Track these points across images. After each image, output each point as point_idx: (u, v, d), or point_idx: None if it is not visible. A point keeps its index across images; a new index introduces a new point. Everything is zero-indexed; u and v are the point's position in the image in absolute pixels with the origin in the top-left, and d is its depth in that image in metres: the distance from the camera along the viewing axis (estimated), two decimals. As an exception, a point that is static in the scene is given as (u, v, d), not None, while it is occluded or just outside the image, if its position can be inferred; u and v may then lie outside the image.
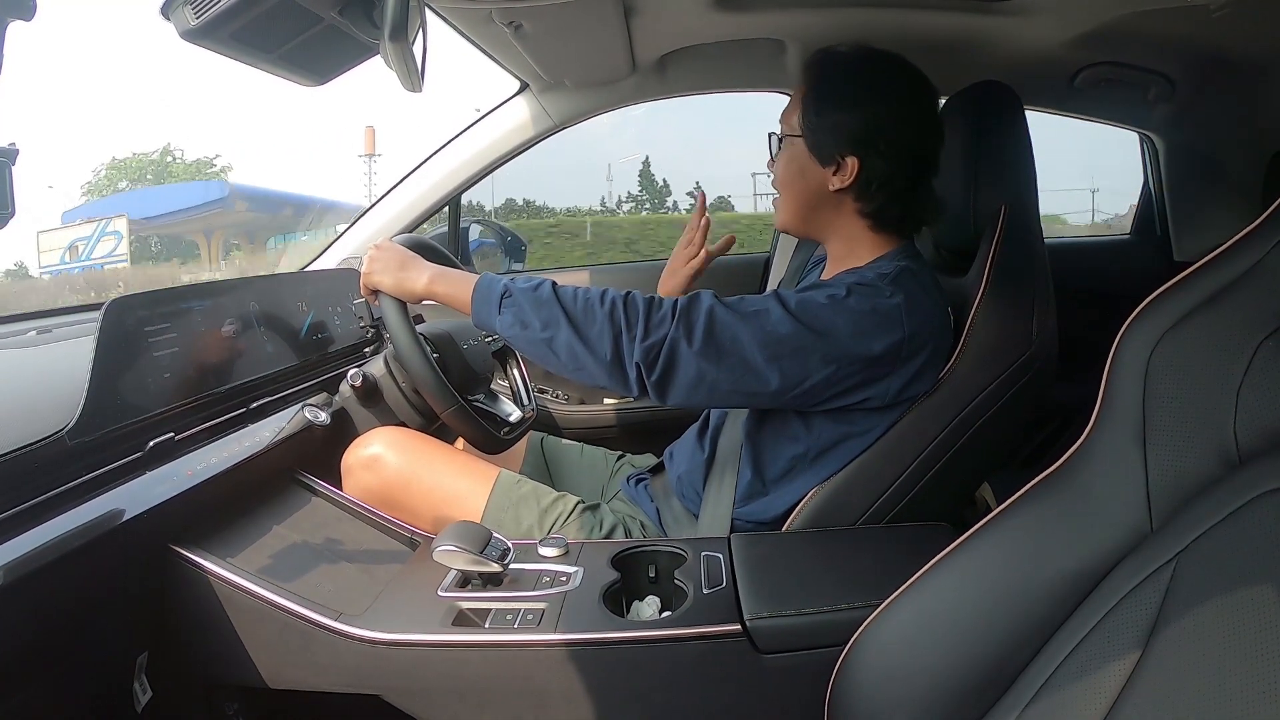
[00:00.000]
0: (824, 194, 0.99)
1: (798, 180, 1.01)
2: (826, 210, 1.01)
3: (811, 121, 0.98)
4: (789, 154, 1.01)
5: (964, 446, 0.96)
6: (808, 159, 0.99)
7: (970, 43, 1.32)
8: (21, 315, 1.22)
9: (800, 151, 0.99)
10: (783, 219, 1.05)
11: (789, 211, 1.04)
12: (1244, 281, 0.50)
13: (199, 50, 0.67)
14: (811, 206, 1.01)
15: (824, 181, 0.98)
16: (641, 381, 0.90)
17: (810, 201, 1.01)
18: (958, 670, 0.56)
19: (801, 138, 0.99)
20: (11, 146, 0.51)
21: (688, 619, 0.79)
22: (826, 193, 0.99)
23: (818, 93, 0.99)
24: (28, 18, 0.46)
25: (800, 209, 1.02)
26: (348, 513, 1.00)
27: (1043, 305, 0.98)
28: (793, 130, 1.00)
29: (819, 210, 1.01)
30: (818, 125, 0.98)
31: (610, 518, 1.07)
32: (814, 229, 1.04)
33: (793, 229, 1.07)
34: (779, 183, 1.04)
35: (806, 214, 1.02)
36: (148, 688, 0.80)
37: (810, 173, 0.99)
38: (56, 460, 0.74)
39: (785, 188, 1.03)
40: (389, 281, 1.01)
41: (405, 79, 0.69)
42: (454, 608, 0.82)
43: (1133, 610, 0.47)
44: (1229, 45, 1.33)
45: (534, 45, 1.29)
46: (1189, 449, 0.50)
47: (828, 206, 1.00)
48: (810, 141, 0.98)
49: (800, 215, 1.03)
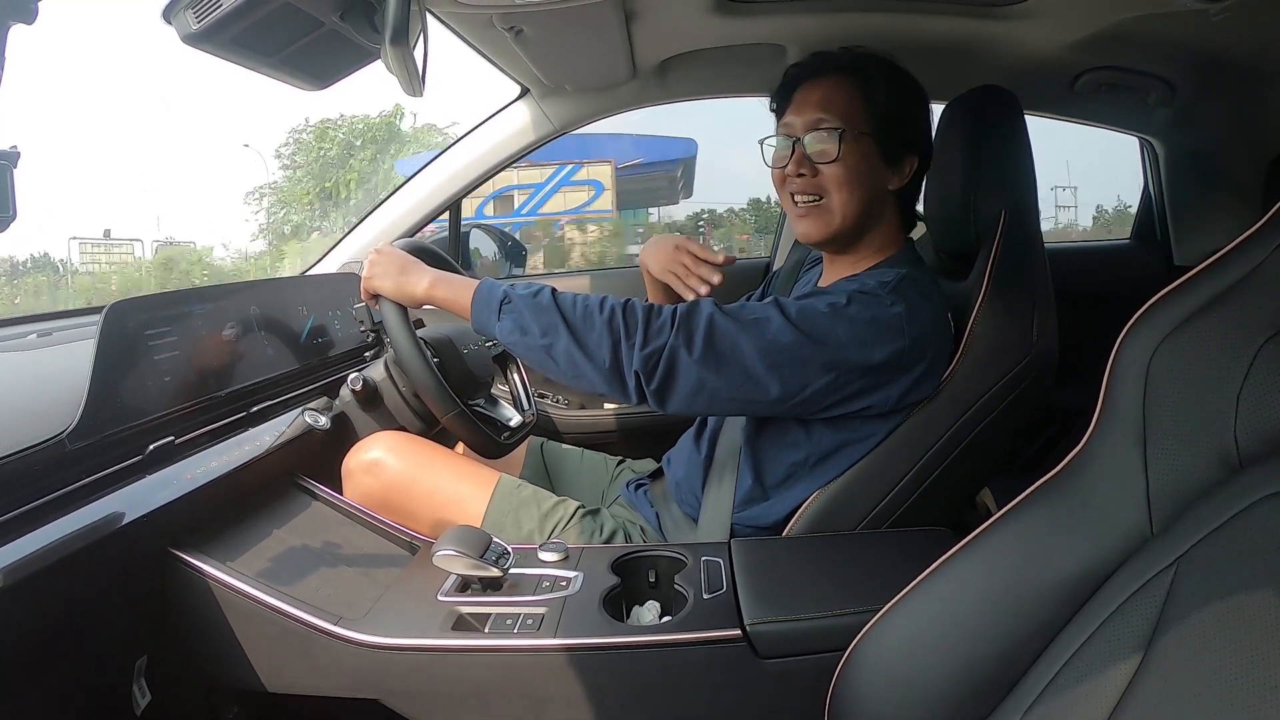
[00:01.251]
0: (883, 196, 0.98)
1: (865, 180, 0.96)
2: (876, 212, 0.99)
3: (888, 119, 0.96)
4: (859, 153, 0.95)
5: (964, 451, 0.96)
6: (877, 156, 0.96)
7: (970, 47, 1.33)
8: (21, 319, 1.22)
9: (870, 150, 0.96)
10: (838, 226, 0.97)
11: (852, 216, 0.97)
12: (1244, 285, 0.50)
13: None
14: (870, 209, 0.98)
15: (885, 182, 0.98)
16: (640, 389, 0.90)
17: (870, 204, 0.97)
18: (958, 675, 0.56)
19: (871, 136, 0.96)
20: (13, 149, 0.51)
21: (688, 624, 0.79)
22: (884, 193, 0.98)
23: (889, 89, 0.96)
24: (29, 21, 0.46)
25: (862, 211, 0.97)
26: (348, 517, 1.00)
27: (1043, 309, 0.98)
28: (861, 128, 0.95)
29: (873, 212, 0.98)
30: (894, 123, 0.96)
31: (610, 523, 1.07)
32: (859, 233, 0.99)
33: (845, 236, 0.99)
34: (839, 184, 0.95)
35: (865, 218, 0.98)
36: (147, 691, 0.80)
37: (879, 172, 0.97)
38: (56, 464, 0.74)
39: (850, 189, 0.96)
40: (389, 286, 1.01)
41: (406, 84, 0.69)
42: (454, 612, 0.82)
43: (1133, 614, 0.47)
44: (1229, 49, 1.33)
45: (534, 50, 1.29)
46: (1189, 453, 0.50)
47: (879, 207, 0.99)
48: (882, 140, 0.96)
49: (860, 219, 0.98)
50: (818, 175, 0.97)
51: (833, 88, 0.97)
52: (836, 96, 0.96)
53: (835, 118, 0.95)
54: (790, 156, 0.98)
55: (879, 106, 0.96)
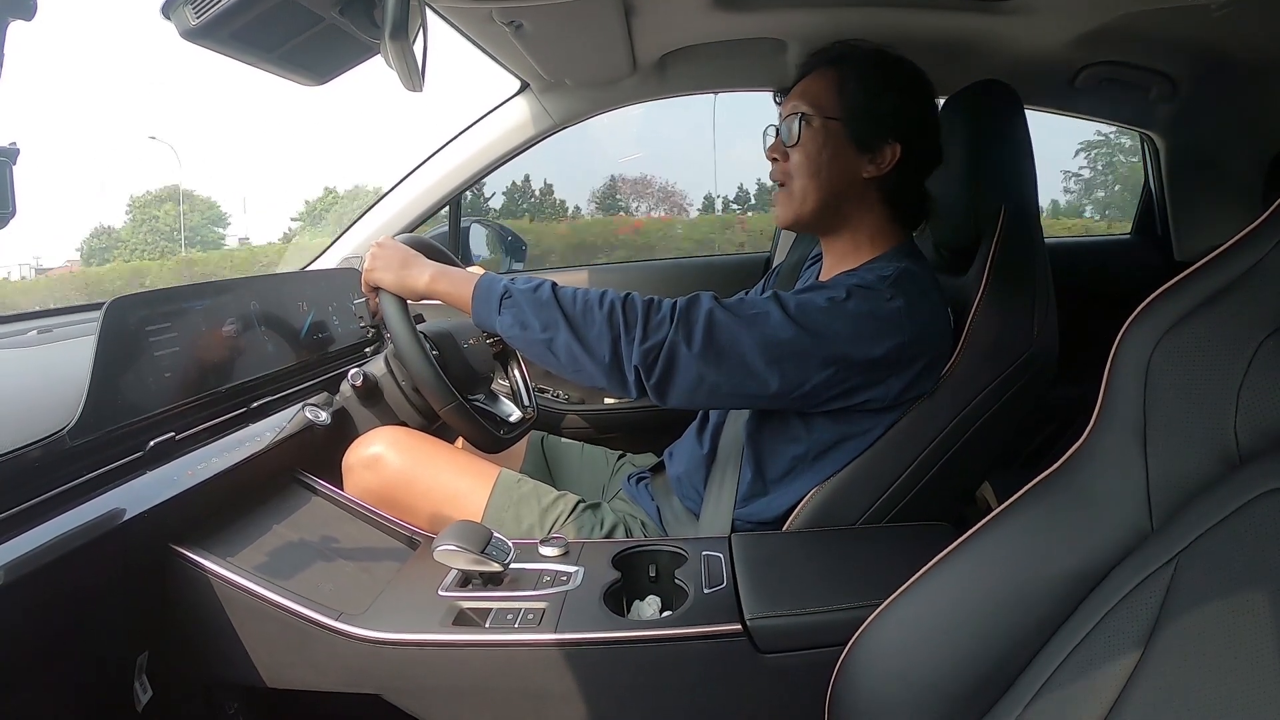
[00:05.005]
0: (854, 182, 0.98)
1: (829, 166, 0.97)
2: (851, 200, 0.99)
3: (859, 104, 0.96)
4: (821, 138, 0.97)
5: (964, 446, 0.96)
6: (844, 143, 0.97)
7: (971, 42, 1.32)
8: (22, 315, 1.22)
9: (836, 135, 0.96)
10: (798, 210, 0.99)
11: (813, 200, 0.98)
12: (1244, 281, 0.50)
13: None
14: (839, 195, 0.98)
15: (857, 169, 0.97)
16: (640, 383, 0.90)
17: (838, 190, 0.98)
18: (958, 670, 0.56)
19: (840, 121, 0.96)
20: (12, 146, 0.51)
21: (688, 618, 0.79)
22: (857, 181, 0.98)
23: (865, 76, 0.97)
24: (28, 17, 0.46)
25: (827, 198, 0.98)
26: (348, 512, 1.00)
27: (1043, 305, 0.98)
28: (828, 113, 0.97)
29: (844, 200, 0.99)
30: (866, 109, 0.96)
31: (611, 517, 1.07)
32: (832, 221, 1.01)
33: (809, 221, 1.01)
34: (801, 169, 0.98)
35: (832, 204, 0.98)
36: (148, 687, 0.80)
37: (845, 159, 0.97)
38: (57, 460, 0.74)
39: (811, 175, 0.97)
40: (390, 279, 1.01)
41: (405, 79, 0.69)
42: (454, 607, 0.82)
43: (1133, 610, 0.47)
44: (1230, 45, 1.33)
45: (534, 45, 1.29)
46: (1189, 448, 0.50)
47: (853, 196, 0.99)
48: (852, 126, 0.96)
49: (825, 205, 0.98)
50: (788, 159, 1.00)
51: (814, 79, 1.00)
52: (814, 86, 0.99)
53: (806, 105, 0.98)
54: (770, 144, 1.03)
55: (850, 93, 0.97)
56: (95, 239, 21.92)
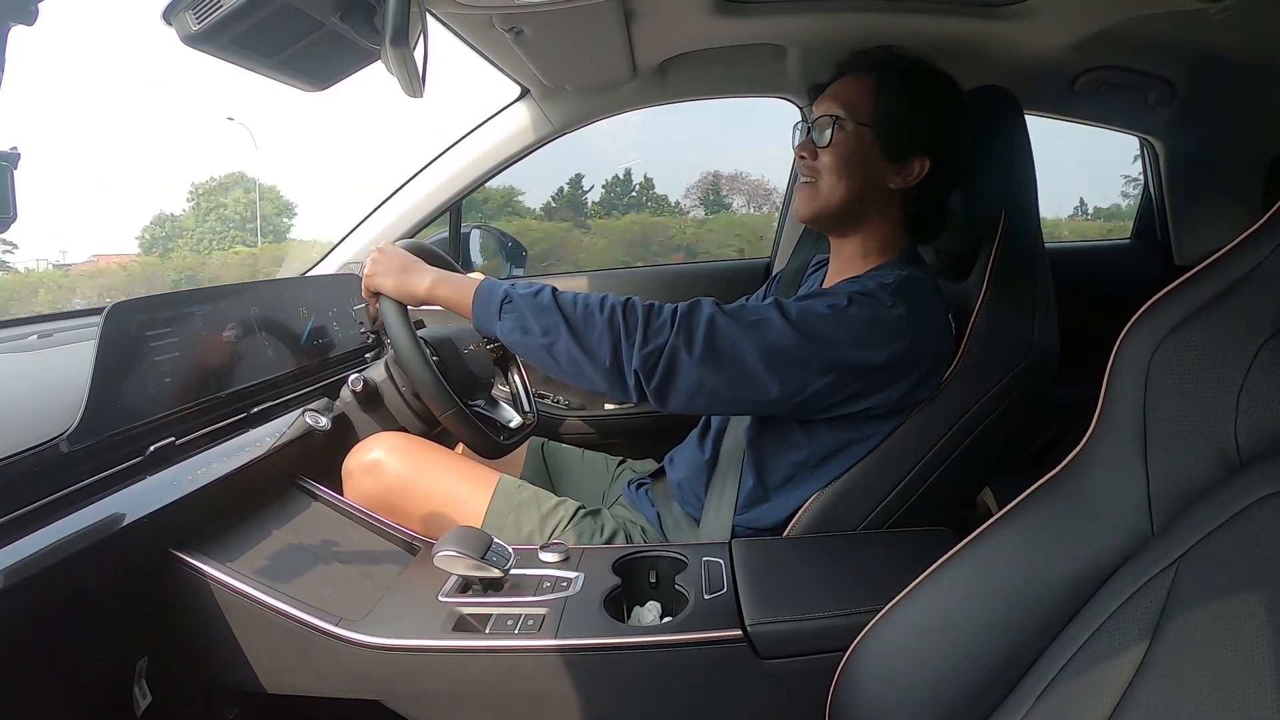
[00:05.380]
0: (879, 191, 0.98)
1: (857, 169, 0.98)
2: (873, 207, 0.99)
3: (894, 114, 0.96)
4: (853, 141, 0.98)
5: (965, 451, 0.96)
6: (875, 152, 0.97)
7: (970, 47, 1.32)
8: (22, 319, 1.22)
9: (868, 141, 0.97)
10: (820, 209, 1.00)
11: (837, 202, 0.99)
12: (1244, 285, 0.50)
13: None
14: (862, 202, 0.99)
15: (884, 178, 0.98)
16: (640, 388, 0.90)
17: (862, 194, 0.98)
18: (959, 675, 0.56)
19: (872, 129, 0.97)
20: (13, 150, 0.51)
21: (689, 624, 0.79)
22: (883, 190, 0.98)
23: (904, 86, 0.97)
24: (29, 22, 0.46)
25: (850, 202, 0.98)
26: (348, 518, 1.00)
27: (1043, 309, 0.98)
28: (862, 119, 0.97)
29: (866, 206, 0.99)
30: (898, 119, 0.96)
31: (611, 523, 1.07)
32: (848, 224, 1.01)
33: (827, 221, 1.02)
34: (829, 171, 0.99)
35: (854, 208, 0.99)
36: (148, 692, 0.80)
37: (874, 167, 0.97)
38: (57, 465, 0.74)
39: (839, 175, 0.98)
40: (391, 284, 1.01)
41: (406, 84, 0.69)
42: (454, 613, 0.82)
43: (1135, 614, 0.47)
44: (1229, 49, 1.34)
45: (535, 51, 1.29)
46: (1190, 452, 0.50)
47: (876, 204, 0.99)
48: (884, 135, 0.97)
49: (847, 208, 0.99)
50: (816, 158, 1.00)
51: (851, 82, 1.00)
52: (849, 90, 0.99)
53: (840, 108, 0.98)
54: (801, 141, 1.03)
55: (886, 102, 0.97)
56: (157, 226, 20.54)
